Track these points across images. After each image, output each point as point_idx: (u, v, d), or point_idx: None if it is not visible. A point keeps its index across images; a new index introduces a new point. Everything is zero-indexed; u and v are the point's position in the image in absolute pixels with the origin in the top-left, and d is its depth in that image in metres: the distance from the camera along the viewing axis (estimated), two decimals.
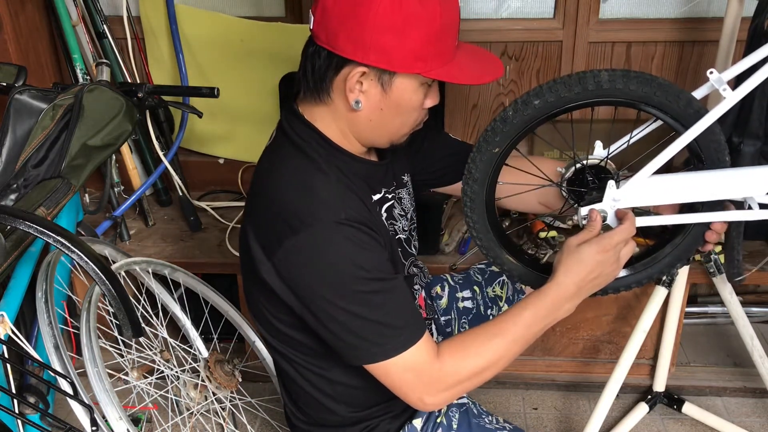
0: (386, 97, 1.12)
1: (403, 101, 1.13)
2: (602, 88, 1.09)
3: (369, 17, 1.04)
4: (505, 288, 1.60)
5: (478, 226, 1.25)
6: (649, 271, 1.29)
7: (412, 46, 1.07)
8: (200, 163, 2.31)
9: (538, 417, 1.98)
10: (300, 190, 1.12)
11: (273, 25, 2.12)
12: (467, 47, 1.17)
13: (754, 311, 2.21)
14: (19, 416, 1.06)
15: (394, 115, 1.15)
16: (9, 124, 1.46)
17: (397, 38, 1.06)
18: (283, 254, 1.10)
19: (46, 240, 1.11)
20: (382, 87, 1.11)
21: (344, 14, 1.06)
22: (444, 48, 1.11)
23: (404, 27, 1.05)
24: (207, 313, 1.75)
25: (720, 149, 1.15)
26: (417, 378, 1.12)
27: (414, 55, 1.07)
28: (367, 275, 1.09)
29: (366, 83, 1.10)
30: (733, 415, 1.96)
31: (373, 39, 1.06)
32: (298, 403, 1.34)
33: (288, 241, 1.08)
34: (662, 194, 1.17)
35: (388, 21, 1.04)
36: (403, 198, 1.32)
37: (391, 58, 1.07)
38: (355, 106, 1.12)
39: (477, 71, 1.14)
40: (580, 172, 1.22)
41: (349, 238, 1.08)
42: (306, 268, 1.09)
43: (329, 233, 1.08)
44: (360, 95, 1.11)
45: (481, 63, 1.16)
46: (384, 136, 1.19)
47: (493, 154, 1.16)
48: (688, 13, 2.06)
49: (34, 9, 2.08)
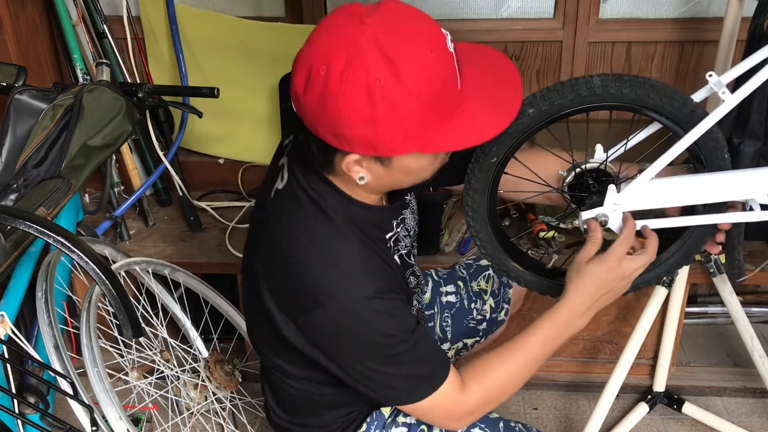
0: (390, 170, 1.04)
1: (411, 169, 1.05)
2: (595, 93, 1.10)
3: (339, 115, 0.95)
4: (490, 282, 1.60)
5: (481, 235, 1.26)
6: (656, 271, 1.29)
7: (397, 133, 0.96)
8: (200, 163, 2.31)
9: (538, 417, 1.98)
10: (324, 262, 1.08)
11: (273, 25, 2.12)
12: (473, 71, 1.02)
13: (754, 311, 2.21)
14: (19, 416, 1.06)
15: (406, 177, 1.08)
16: (9, 124, 1.46)
17: (376, 130, 0.95)
18: (309, 322, 1.10)
19: (46, 240, 1.12)
20: (382, 164, 1.03)
21: (314, 110, 0.97)
22: (440, 111, 0.98)
23: (382, 117, 0.94)
24: (207, 313, 1.75)
25: (718, 147, 1.15)
26: (446, 412, 1.18)
27: (402, 138, 0.97)
28: (396, 340, 1.10)
29: (365, 163, 1.03)
30: (733, 415, 1.96)
31: (351, 134, 0.97)
32: (281, 403, 1.35)
33: (314, 312, 1.08)
34: (663, 197, 1.17)
35: (361, 116, 0.94)
36: (407, 218, 1.30)
37: (377, 148, 0.98)
38: (360, 182, 1.06)
39: (486, 117, 1.02)
40: (580, 176, 1.22)
41: (377, 310, 1.08)
42: (334, 337, 1.10)
43: (358, 309, 1.07)
44: (363, 171, 1.04)
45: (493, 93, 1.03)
46: (403, 187, 1.15)
47: (491, 163, 1.17)
48: (688, 13, 2.06)
49: (34, 9, 2.08)
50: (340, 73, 0.93)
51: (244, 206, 2.19)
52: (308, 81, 0.96)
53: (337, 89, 0.93)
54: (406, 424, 1.30)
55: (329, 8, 2.18)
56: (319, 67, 0.95)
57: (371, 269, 1.10)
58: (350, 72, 0.93)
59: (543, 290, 1.31)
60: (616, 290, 1.18)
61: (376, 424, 1.30)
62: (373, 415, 1.32)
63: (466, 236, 1.98)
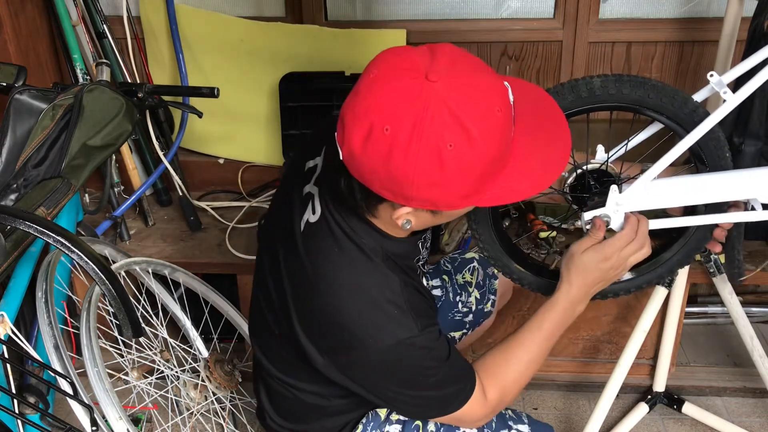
0: (439, 217, 1.04)
1: (457, 214, 1.07)
2: (595, 94, 1.10)
3: (405, 175, 0.91)
4: (475, 274, 1.61)
5: (484, 238, 1.26)
6: (658, 270, 1.29)
7: (460, 191, 0.95)
8: (200, 163, 2.31)
9: (538, 417, 1.97)
10: (368, 306, 1.07)
11: (273, 25, 2.12)
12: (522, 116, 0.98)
13: (754, 311, 2.21)
14: (19, 416, 1.06)
15: (447, 219, 1.10)
16: (9, 124, 1.46)
17: (441, 190, 0.94)
18: (349, 362, 1.11)
19: (46, 240, 1.11)
20: (433, 214, 1.02)
21: (375, 169, 0.93)
22: (498, 166, 0.96)
23: (449, 178, 0.92)
24: (207, 313, 1.75)
25: (719, 146, 1.15)
26: (473, 418, 1.21)
27: (464, 195, 0.96)
28: (434, 370, 1.13)
29: (415, 213, 1.02)
30: (733, 415, 1.96)
31: (413, 194, 0.94)
32: (279, 410, 1.34)
33: (357, 353, 1.09)
34: (665, 198, 1.18)
35: (429, 177, 0.92)
36: (426, 236, 1.29)
37: (437, 205, 0.97)
38: (404, 227, 1.04)
39: (538, 168, 0.99)
40: (582, 176, 1.22)
41: (420, 346, 1.10)
42: (377, 374, 1.12)
43: (403, 349, 1.08)
44: (409, 216, 1.02)
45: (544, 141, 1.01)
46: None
47: None
48: (688, 13, 2.06)
49: (34, 9, 2.08)
50: (408, 134, 0.89)
51: (244, 206, 2.19)
52: (369, 139, 0.91)
53: (406, 152, 0.90)
54: (400, 422, 1.30)
55: (329, 8, 2.18)
56: (383, 125, 0.90)
57: (414, 308, 1.10)
58: (420, 134, 0.89)
59: (545, 291, 1.31)
60: (610, 279, 1.22)
61: (372, 424, 1.30)
62: (368, 416, 1.32)
63: (467, 236, 1.98)
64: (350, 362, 1.11)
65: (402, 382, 1.13)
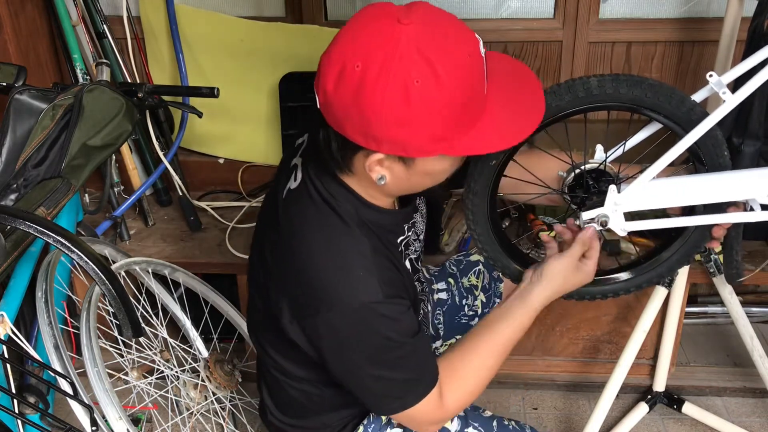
0: (412, 171, 1.04)
1: (432, 171, 1.06)
2: (592, 94, 1.10)
3: (373, 111, 0.94)
4: (481, 277, 1.61)
5: (482, 238, 1.26)
6: (657, 270, 1.29)
7: (428, 132, 0.96)
8: (200, 163, 2.31)
9: (538, 417, 1.98)
10: (335, 265, 1.08)
11: (273, 25, 2.12)
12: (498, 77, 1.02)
13: (754, 311, 2.21)
14: (19, 416, 1.06)
15: (425, 179, 1.08)
16: (9, 124, 1.46)
17: (408, 129, 0.95)
18: (314, 325, 1.10)
19: (46, 240, 1.11)
20: (404, 164, 1.03)
21: (346, 106, 0.96)
22: (468, 115, 0.98)
23: (416, 116, 0.94)
24: (207, 313, 1.75)
25: (718, 146, 1.15)
26: (427, 418, 1.19)
27: (433, 138, 0.97)
28: (397, 344, 1.11)
29: (387, 163, 1.03)
30: (733, 415, 1.96)
31: (382, 132, 0.96)
32: (279, 404, 1.35)
33: (320, 315, 1.08)
34: (664, 198, 1.17)
35: (396, 114, 0.94)
36: (417, 222, 1.30)
37: (406, 148, 0.98)
38: (379, 182, 1.05)
39: (510, 124, 1.02)
40: (580, 176, 1.22)
41: (383, 314, 1.09)
42: (337, 342, 1.11)
43: (365, 313, 1.08)
44: (383, 171, 1.04)
45: (516, 102, 1.04)
46: (418, 191, 1.15)
47: (490, 166, 1.17)
48: (688, 13, 2.06)
49: (34, 9, 2.08)
50: (377, 70, 0.92)
51: (244, 206, 2.19)
52: (341, 77, 0.95)
53: (374, 87, 0.93)
54: (402, 426, 1.30)
55: (329, 8, 2.18)
56: (354, 63, 0.93)
57: (381, 274, 1.10)
58: (389, 70, 0.92)
59: None
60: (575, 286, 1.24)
61: (373, 426, 1.30)
62: (370, 417, 1.32)
63: (466, 236, 1.98)
64: (315, 326, 1.10)
65: (364, 353, 1.11)
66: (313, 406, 1.30)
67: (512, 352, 1.25)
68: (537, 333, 1.98)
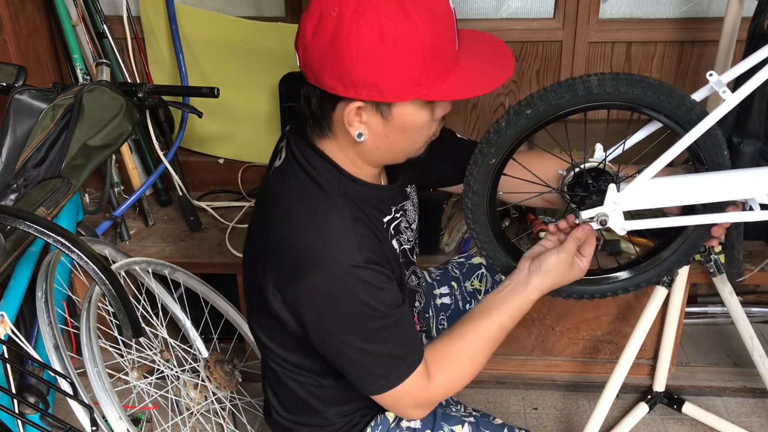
0: (389, 125, 1.08)
1: (408, 124, 1.09)
2: (592, 92, 1.09)
3: (350, 53, 0.99)
4: (484, 281, 1.60)
5: (482, 237, 1.26)
6: (656, 269, 1.29)
7: (403, 74, 1.01)
8: (200, 163, 2.31)
9: (538, 417, 1.98)
10: (314, 230, 1.09)
11: (273, 25, 2.12)
12: (470, 43, 1.10)
13: (754, 311, 2.21)
14: (19, 416, 1.06)
15: (402, 138, 1.11)
16: (9, 124, 1.46)
17: (384, 70, 1.00)
18: (294, 293, 1.10)
19: (46, 240, 1.11)
20: (382, 116, 1.06)
21: (324, 53, 1.01)
22: (442, 62, 1.04)
23: (391, 56, 0.99)
24: (207, 313, 1.75)
25: (718, 146, 1.15)
26: (413, 400, 1.19)
27: (408, 81, 1.02)
28: (378, 313, 1.10)
29: (365, 115, 1.07)
30: (733, 415, 1.96)
31: (359, 75, 1.00)
32: (283, 401, 1.34)
33: (301, 281, 1.08)
34: (663, 197, 1.17)
35: (372, 54, 0.99)
36: (408, 210, 1.31)
37: (382, 91, 1.02)
38: (358, 139, 1.09)
39: (482, 76, 1.08)
40: (580, 175, 1.22)
41: (363, 279, 1.09)
42: (318, 309, 1.10)
43: (344, 277, 1.07)
44: (361, 127, 1.08)
45: (487, 62, 1.10)
46: (397, 156, 1.17)
47: (489, 165, 1.17)
48: (688, 13, 2.06)
49: (34, 9, 2.08)
50: (352, 12, 0.98)
51: (244, 206, 2.19)
52: (319, 24, 1.01)
53: (349, 27, 0.98)
54: (410, 429, 1.30)
55: None
56: (330, 9, 0.99)
57: (361, 241, 1.11)
58: (362, 11, 0.98)
59: None
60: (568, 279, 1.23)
61: (380, 428, 1.30)
62: (377, 419, 1.32)
63: (466, 236, 1.98)
64: (296, 295, 1.09)
65: (344, 321, 1.10)
66: (314, 401, 1.29)
67: (512, 352, 1.25)
68: (537, 333, 1.98)
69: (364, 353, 1.13)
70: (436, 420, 1.32)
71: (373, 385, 1.16)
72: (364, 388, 1.17)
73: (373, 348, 1.12)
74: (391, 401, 1.18)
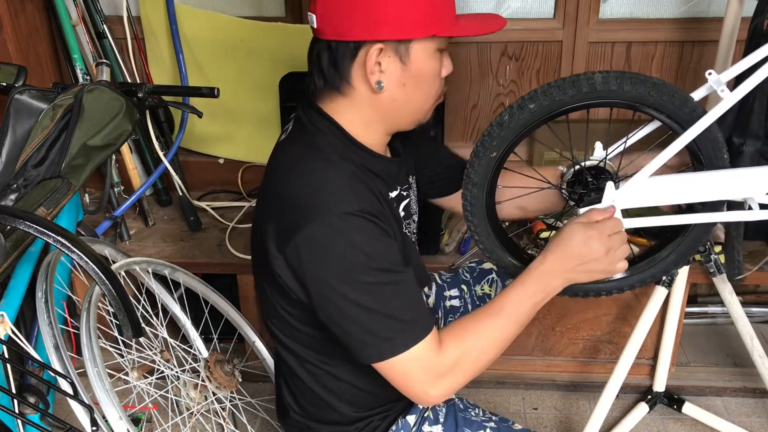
0: (407, 70, 1.12)
1: (423, 70, 1.14)
2: (596, 90, 1.10)
3: None
4: (494, 286, 1.60)
5: (479, 230, 1.26)
6: (652, 270, 1.29)
7: (421, 8, 1.09)
8: (200, 163, 2.32)
9: (538, 417, 1.98)
10: (311, 181, 1.11)
11: (273, 25, 2.12)
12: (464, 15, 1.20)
13: (754, 311, 2.21)
14: (19, 416, 1.06)
15: (416, 87, 1.15)
16: (9, 124, 1.46)
17: (404, 3, 1.08)
18: (293, 246, 1.09)
19: (46, 240, 1.11)
20: (401, 60, 1.11)
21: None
22: (449, 7, 1.14)
23: None
24: (207, 313, 1.75)
25: (717, 147, 1.15)
26: (423, 372, 1.11)
27: (426, 16, 1.10)
28: (377, 266, 1.08)
29: (385, 61, 1.11)
30: (733, 415, 1.96)
31: (381, 12, 1.07)
32: (298, 398, 1.34)
33: (299, 232, 1.08)
34: (662, 195, 1.17)
35: None
36: (411, 199, 1.32)
37: (402, 26, 1.09)
38: (377, 88, 1.12)
39: (483, 24, 1.17)
40: (580, 173, 1.23)
41: (360, 228, 1.08)
42: (316, 260, 1.08)
43: (340, 224, 1.07)
44: (381, 75, 1.12)
45: (482, 21, 1.19)
46: (410, 115, 1.19)
47: (491, 158, 1.17)
48: (688, 13, 2.07)
49: (34, 9, 2.08)
50: None
51: (244, 206, 2.19)
52: None
53: None
54: None
55: None
56: None
57: (358, 192, 1.11)
58: None
59: None
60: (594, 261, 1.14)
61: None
62: (398, 423, 1.31)
63: (466, 236, 1.99)
64: (295, 247, 1.08)
65: (343, 274, 1.07)
66: (329, 396, 1.28)
67: (512, 352, 1.24)
68: (537, 333, 1.98)
69: (364, 310, 1.08)
70: (458, 426, 1.31)
71: (377, 349, 1.10)
72: (367, 352, 1.11)
73: (373, 305, 1.08)
74: (398, 371, 1.11)
